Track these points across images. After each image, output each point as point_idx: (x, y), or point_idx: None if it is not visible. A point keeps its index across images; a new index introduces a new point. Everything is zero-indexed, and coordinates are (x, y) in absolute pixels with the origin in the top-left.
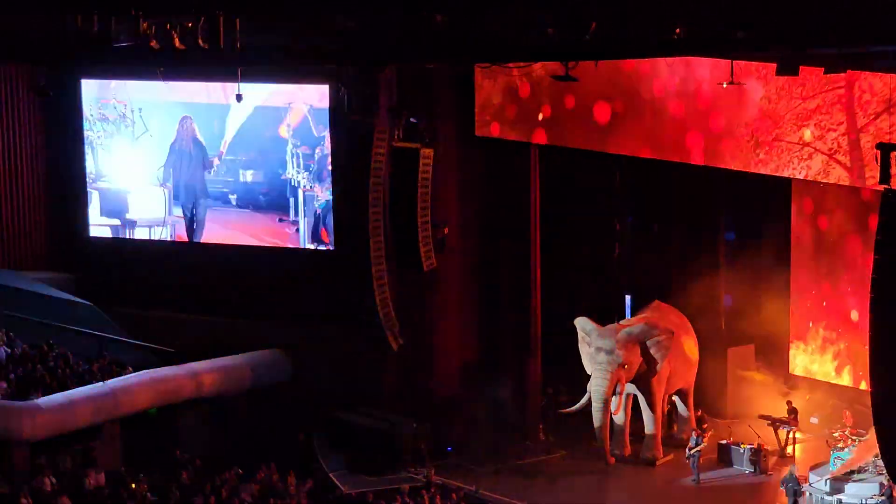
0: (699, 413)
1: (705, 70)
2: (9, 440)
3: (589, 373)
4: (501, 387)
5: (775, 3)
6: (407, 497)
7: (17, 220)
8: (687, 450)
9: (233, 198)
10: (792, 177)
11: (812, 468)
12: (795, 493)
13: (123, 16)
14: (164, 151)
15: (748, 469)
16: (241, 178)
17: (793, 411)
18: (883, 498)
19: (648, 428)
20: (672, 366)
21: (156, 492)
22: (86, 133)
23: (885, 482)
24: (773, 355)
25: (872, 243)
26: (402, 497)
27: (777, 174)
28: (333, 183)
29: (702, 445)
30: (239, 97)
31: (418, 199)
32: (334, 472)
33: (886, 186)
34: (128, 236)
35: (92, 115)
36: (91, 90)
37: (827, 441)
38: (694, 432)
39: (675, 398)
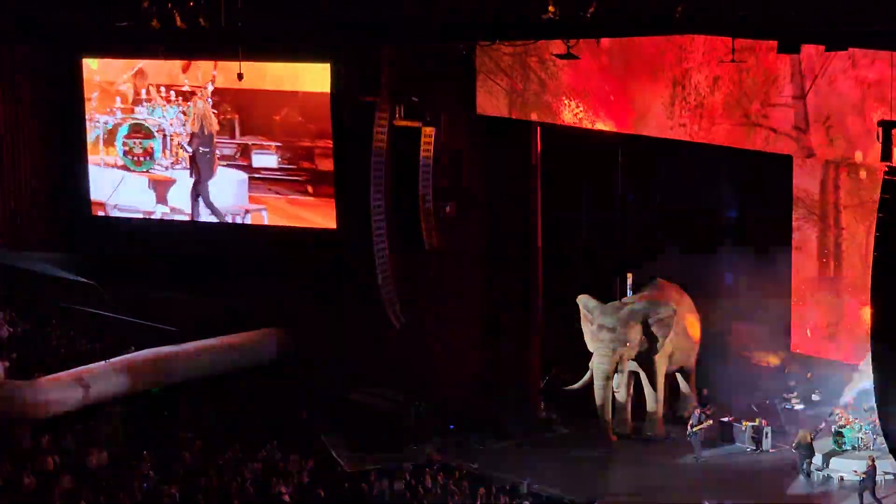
0: (705, 391)
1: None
2: (11, 419)
3: (591, 351)
4: (503, 364)
5: None
6: (409, 475)
7: (19, 200)
8: (689, 427)
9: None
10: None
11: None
12: (809, 457)
13: None
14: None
15: (749, 446)
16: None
17: (794, 388)
18: (864, 476)
19: (650, 405)
20: (674, 343)
21: (158, 471)
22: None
23: (870, 462)
24: (774, 332)
25: (874, 219)
26: (404, 475)
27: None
28: (335, 163)
29: (705, 424)
30: (240, 76)
31: (420, 178)
32: (336, 450)
33: (888, 164)
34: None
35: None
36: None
37: (828, 417)
38: (696, 410)
39: (678, 376)
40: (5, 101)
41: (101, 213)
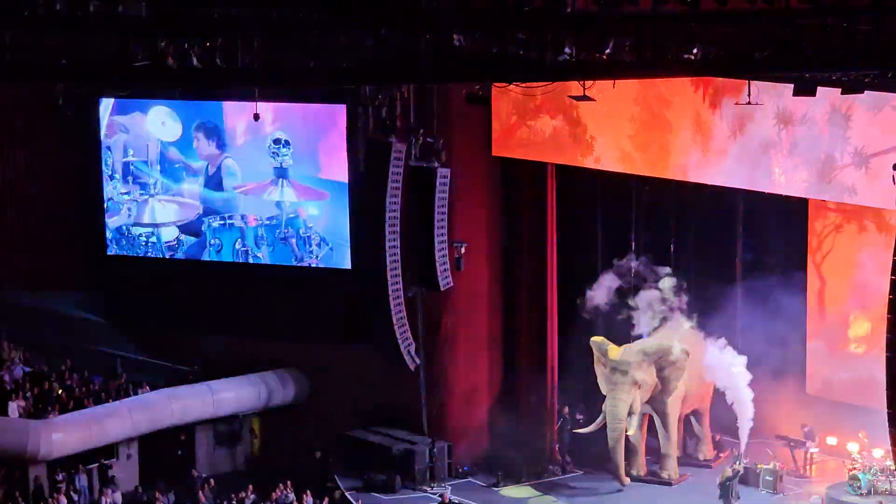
0: (717, 437)
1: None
2: (26, 458)
3: (604, 393)
4: (518, 406)
5: (793, 25)
6: None
7: (36, 239)
8: (723, 476)
9: None
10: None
11: (828, 488)
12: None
13: (142, 35)
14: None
15: (766, 490)
16: None
17: (810, 432)
18: None
19: (664, 448)
20: (688, 386)
21: None
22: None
23: None
24: (790, 375)
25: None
26: None
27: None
28: (350, 203)
29: (739, 474)
30: (256, 116)
31: (435, 219)
32: (350, 491)
33: None
34: None
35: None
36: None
37: (844, 461)
38: (736, 451)
39: (692, 418)
40: (22, 141)
41: (115, 252)
